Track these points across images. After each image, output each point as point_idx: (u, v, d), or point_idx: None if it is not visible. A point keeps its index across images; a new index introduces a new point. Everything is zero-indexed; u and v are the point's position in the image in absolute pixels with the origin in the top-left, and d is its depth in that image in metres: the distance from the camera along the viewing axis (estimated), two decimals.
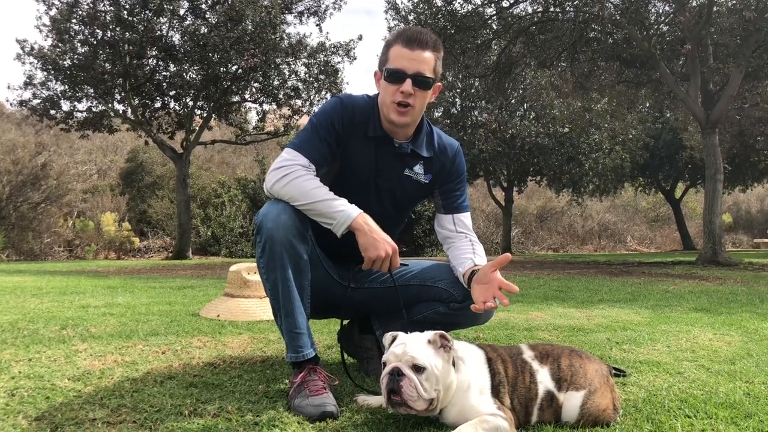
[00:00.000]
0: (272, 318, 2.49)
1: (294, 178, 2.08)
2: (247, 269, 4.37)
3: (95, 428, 1.75)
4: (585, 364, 1.89)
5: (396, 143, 2.27)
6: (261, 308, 4.12)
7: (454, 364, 1.78)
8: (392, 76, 2.14)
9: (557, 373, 1.85)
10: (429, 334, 1.80)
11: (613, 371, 2.52)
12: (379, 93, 2.25)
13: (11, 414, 1.87)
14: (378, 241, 2.05)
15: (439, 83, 2.26)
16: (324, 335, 3.39)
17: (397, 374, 1.72)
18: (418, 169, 2.32)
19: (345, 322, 2.62)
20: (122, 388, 2.19)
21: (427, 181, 2.35)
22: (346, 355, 2.53)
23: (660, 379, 2.44)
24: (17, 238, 19.02)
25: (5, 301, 5.21)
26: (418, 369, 1.72)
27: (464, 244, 2.32)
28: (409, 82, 2.13)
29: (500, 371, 1.83)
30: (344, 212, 2.05)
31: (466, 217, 2.40)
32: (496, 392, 1.79)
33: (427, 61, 2.15)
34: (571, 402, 1.81)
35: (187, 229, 19.13)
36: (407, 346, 1.76)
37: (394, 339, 1.84)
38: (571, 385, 1.83)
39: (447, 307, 2.32)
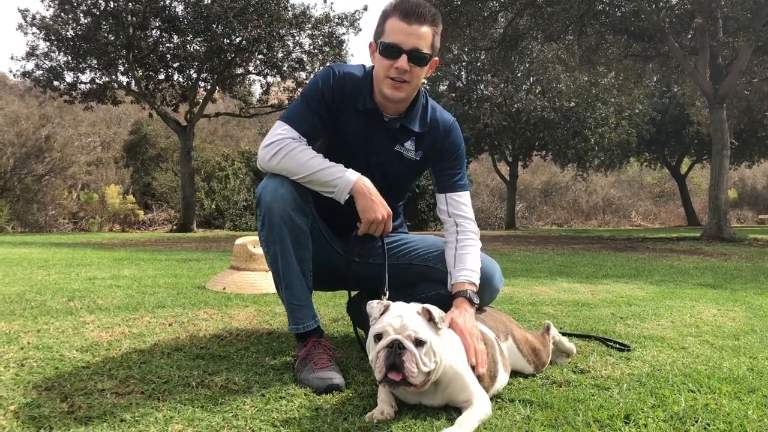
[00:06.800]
0: None
1: (288, 151, 2.05)
2: (253, 242, 4.38)
3: (104, 399, 1.77)
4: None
5: (386, 118, 2.21)
6: (267, 281, 4.13)
7: None
8: (387, 50, 2.06)
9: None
10: (416, 306, 1.71)
11: (618, 346, 2.53)
12: (374, 65, 2.18)
13: (21, 384, 1.89)
14: (376, 204, 2.06)
15: (437, 58, 2.18)
16: (329, 308, 3.41)
17: (398, 347, 1.62)
18: (409, 145, 2.25)
19: (354, 293, 2.60)
20: (130, 359, 2.21)
21: (418, 158, 2.27)
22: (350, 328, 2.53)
23: (664, 354, 2.45)
24: (22, 210, 19.10)
25: (12, 272, 5.24)
26: (418, 343, 1.63)
27: (450, 243, 2.23)
28: (404, 58, 2.05)
29: None
30: (343, 178, 2.04)
31: (461, 197, 2.27)
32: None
33: (424, 36, 2.07)
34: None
35: (191, 202, 19.16)
36: (405, 319, 1.66)
37: (385, 309, 1.73)
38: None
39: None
